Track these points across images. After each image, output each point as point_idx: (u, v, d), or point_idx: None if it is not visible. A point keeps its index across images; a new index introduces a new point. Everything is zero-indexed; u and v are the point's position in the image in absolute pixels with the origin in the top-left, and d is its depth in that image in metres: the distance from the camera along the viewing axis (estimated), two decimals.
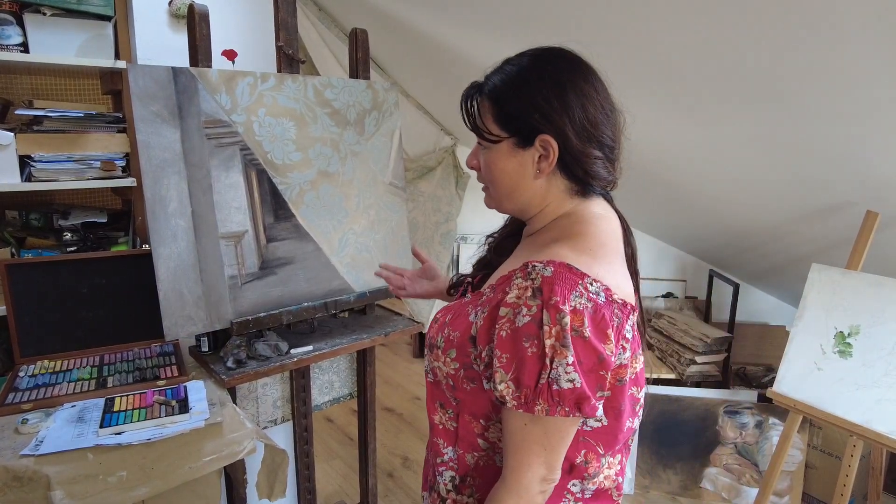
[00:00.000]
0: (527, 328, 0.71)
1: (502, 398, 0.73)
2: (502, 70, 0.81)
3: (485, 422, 0.82)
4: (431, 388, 0.88)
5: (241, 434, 1.29)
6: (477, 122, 0.81)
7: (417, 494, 2.48)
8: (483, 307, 0.78)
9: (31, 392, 1.34)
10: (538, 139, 0.77)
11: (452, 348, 0.81)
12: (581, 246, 0.77)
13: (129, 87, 1.32)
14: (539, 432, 0.74)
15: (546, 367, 0.70)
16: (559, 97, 0.76)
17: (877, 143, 1.50)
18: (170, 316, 1.39)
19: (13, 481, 1.10)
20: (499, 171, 0.82)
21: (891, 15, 1.05)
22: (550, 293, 0.70)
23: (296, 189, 1.59)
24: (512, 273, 0.76)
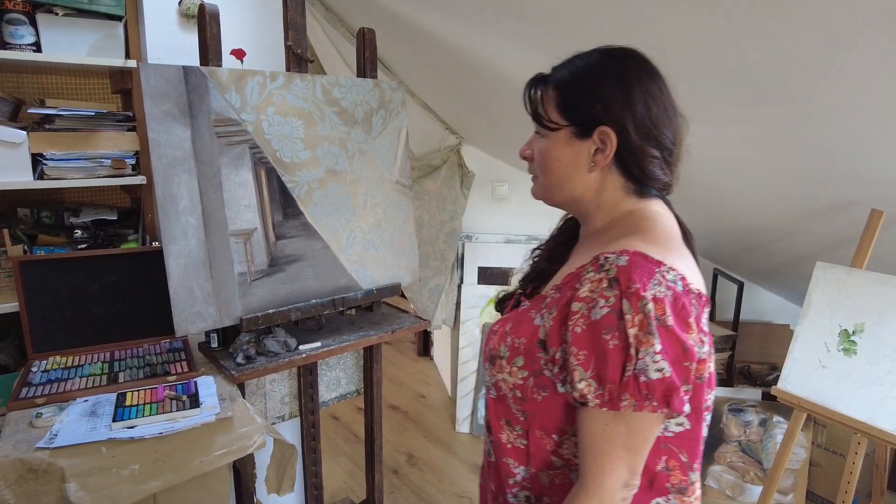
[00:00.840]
0: (606, 320, 0.68)
1: (583, 397, 0.70)
2: (571, 63, 0.81)
3: (558, 437, 0.78)
4: (495, 405, 0.83)
5: (252, 429, 1.31)
6: (538, 108, 0.81)
7: (423, 492, 2.50)
8: (549, 308, 0.76)
9: (44, 387, 1.36)
10: (597, 131, 0.77)
11: (519, 356, 0.78)
12: (651, 238, 0.75)
13: (141, 85, 1.33)
14: (622, 432, 0.70)
15: (631, 358, 0.67)
16: (623, 92, 0.76)
17: (881, 142, 1.51)
18: (180, 312, 1.40)
19: (29, 473, 1.12)
20: (553, 160, 0.81)
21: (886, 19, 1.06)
22: (628, 281, 0.68)
23: (304, 187, 1.61)
24: (580, 269, 0.74)
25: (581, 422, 0.73)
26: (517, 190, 3.02)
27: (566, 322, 0.72)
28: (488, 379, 0.84)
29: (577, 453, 0.76)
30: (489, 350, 0.84)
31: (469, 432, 2.99)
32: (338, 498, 2.39)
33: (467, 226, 3.04)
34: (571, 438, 0.77)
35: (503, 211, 3.06)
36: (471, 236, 3.04)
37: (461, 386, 3.02)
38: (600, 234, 0.82)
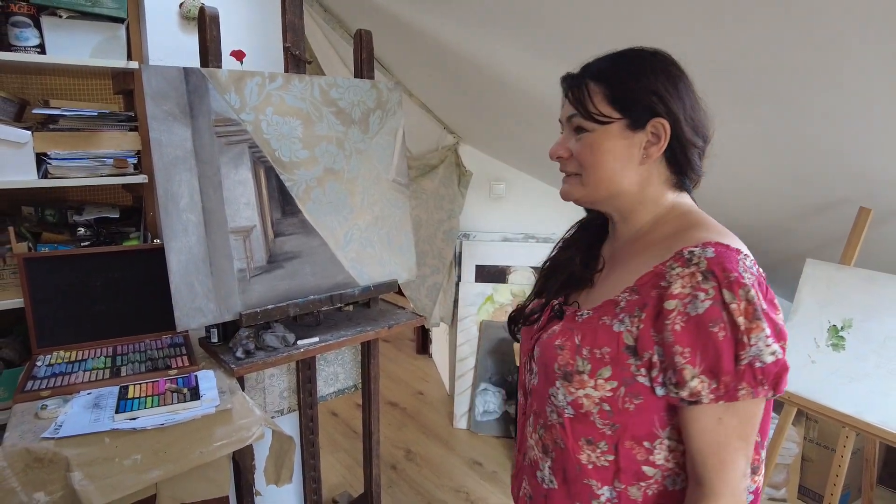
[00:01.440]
0: (709, 313, 0.68)
1: (696, 395, 0.69)
2: (610, 58, 0.81)
3: (650, 443, 0.76)
4: (573, 425, 0.79)
5: (251, 420, 1.34)
6: (585, 102, 0.79)
7: (421, 486, 2.53)
8: (629, 312, 0.74)
9: (48, 380, 1.40)
10: (651, 122, 0.77)
11: (605, 367, 0.75)
12: (715, 228, 0.76)
13: (143, 86, 1.37)
14: (735, 424, 0.70)
15: (745, 345, 0.67)
16: (674, 85, 0.78)
17: (870, 142, 1.54)
18: (181, 307, 1.44)
19: (35, 462, 1.16)
20: (604, 153, 0.79)
21: (884, 19, 1.09)
22: (724, 271, 0.68)
23: (302, 186, 1.64)
24: (659, 267, 0.74)
25: (690, 421, 0.71)
26: (514, 189, 3.06)
27: (662, 322, 0.70)
28: (560, 400, 0.79)
29: (670, 458, 0.76)
30: (558, 367, 0.79)
31: (466, 428, 3.02)
32: (336, 492, 2.42)
33: (465, 224, 3.08)
34: (664, 442, 0.76)
35: (500, 210, 3.10)
36: (468, 235, 3.07)
37: (459, 383, 3.06)
38: (649, 232, 0.82)
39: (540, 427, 0.85)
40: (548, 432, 0.83)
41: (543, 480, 0.85)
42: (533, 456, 0.87)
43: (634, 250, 0.82)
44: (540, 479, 0.86)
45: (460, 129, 2.94)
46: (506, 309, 3.02)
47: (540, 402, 0.85)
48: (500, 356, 2.98)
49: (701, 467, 0.71)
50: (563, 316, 0.85)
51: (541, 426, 0.85)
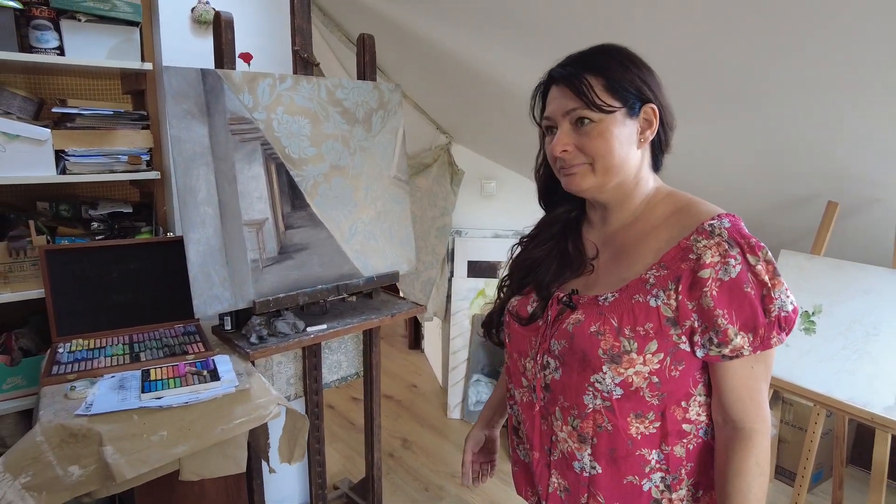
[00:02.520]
0: (741, 276, 0.76)
1: (738, 350, 0.77)
2: (597, 52, 0.86)
3: (686, 402, 0.83)
4: (621, 404, 0.83)
5: (268, 400, 1.43)
6: (591, 94, 0.82)
7: (418, 472, 2.63)
8: (661, 287, 0.80)
9: (72, 365, 1.47)
10: (644, 108, 0.84)
11: (651, 341, 0.80)
12: (706, 202, 0.85)
13: (164, 86, 1.45)
14: (762, 368, 0.80)
15: (773, 299, 0.75)
16: (653, 76, 0.87)
17: (838, 141, 1.67)
18: (199, 295, 1.52)
19: (70, 437, 1.23)
20: (614, 140, 0.83)
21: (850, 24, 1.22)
22: (743, 238, 0.77)
23: (310, 181, 1.73)
24: (684, 243, 0.80)
25: (727, 374, 0.80)
26: (504, 187, 3.17)
27: (699, 290, 0.77)
28: (608, 383, 0.82)
29: (700, 412, 0.84)
30: (603, 352, 0.81)
31: (460, 418, 3.13)
32: (337, 479, 2.51)
33: (457, 221, 3.18)
34: (697, 398, 0.84)
35: (491, 207, 3.21)
36: (460, 231, 3.18)
37: (452, 374, 3.16)
38: (644, 214, 0.89)
39: (573, 418, 0.86)
40: (586, 421, 0.85)
41: (584, 469, 0.87)
42: (566, 448, 0.89)
43: (637, 232, 0.88)
44: (579, 469, 0.88)
45: (452, 130, 3.04)
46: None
47: (571, 394, 0.86)
48: (492, 348, 3.09)
49: (740, 412, 0.80)
50: (574, 306, 0.87)
51: (574, 417, 0.86)
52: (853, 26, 1.21)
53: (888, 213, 1.86)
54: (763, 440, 0.80)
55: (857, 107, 1.48)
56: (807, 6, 1.20)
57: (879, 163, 1.70)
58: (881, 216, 1.91)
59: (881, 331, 1.77)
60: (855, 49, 1.27)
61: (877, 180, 1.79)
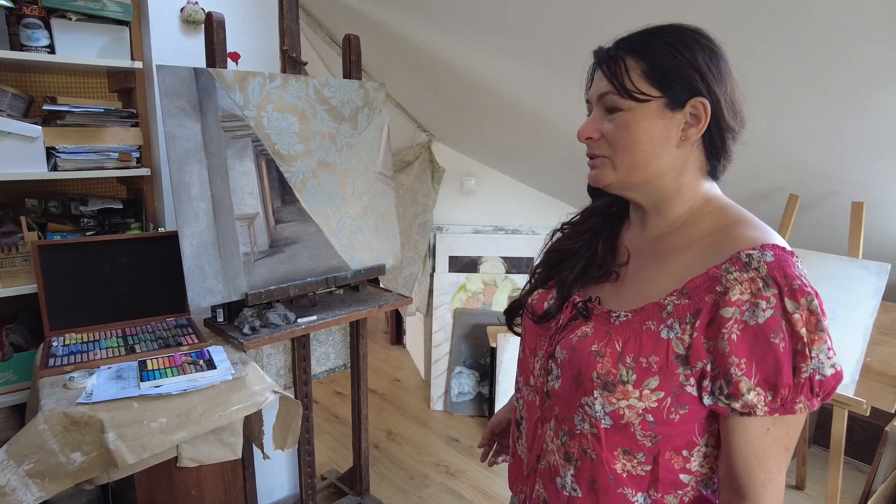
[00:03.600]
0: (771, 323, 0.64)
1: (750, 407, 0.66)
2: (649, 33, 0.75)
3: (688, 452, 0.73)
4: (609, 435, 0.74)
5: (263, 387, 1.48)
6: (622, 77, 0.73)
7: (403, 462, 2.69)
8: (678, 318, 0.69)
9: (68, 357, 1.50)
10: (691, 102, 0.72)
11: (652, 377, 0.70)
12: (762, 226, 0.72)
13: (155, 84, 1.49)
14: (782, 434, 0.68)
15: (807, 357, 0.64)
16: (717, 65, 0.74)
17: (799, 137, 1.78)
18: (194, 288, 1.57)
19: (72, 425, 1.27)
20: (642, 133, 0.73)
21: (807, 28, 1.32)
22: (786, 278, 0.64)
23: (299, 177, 1.79)
24: (713, 272, 0.68)
25: (736, 432, 0.69)
26: (484, 184, 3.25)
27: (717, 330, 0.66)
28: (598, 410, 0.74)
29: (704, 463, 0.74)
30: (597, 376, 0.73)
31: (443, 409, 3.20)
32: (324, 469, 2.56)
33: (438, 218, 3.25)
34: (701, 449, 0.73)
35: (471, 204, 3.29)
36: (442, 228, 3.25)
37: (434, 367, 3.23)
38: (686, 226, 0.77)
39: (563, 434, 0.80)
40: (573, 440, 0.78)
41: (564, 488, 0.81)
42: (553, 461, 0.82)
43: (672, 246, 0.77)
44: (560, 486, 0.81)
45: (433, 128, 3.11)
46: (478, 297, 3.21)
47: (565, 409, 0.79)
48: (473, 341, 3.17)
49: (745, 478, 0.69)
50: (588, 315, 0.79)
51: (564, 433, 0.80)
52: (813, 25, 1.30)
53: (843, 205, 1.98)
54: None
55: (815, 105, 1.59)
56: (768, 5, 1.30)
57: (835, 158, 1.82)
58: (837, 208, 2.04)
59: (838, 315, 1.90)
60: (814, 49, 1.37)
61: (833, 175, 1.91)
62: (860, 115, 1.56)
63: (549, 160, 2.71)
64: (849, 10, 1.23)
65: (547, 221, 3.22)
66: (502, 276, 3.21)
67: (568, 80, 1.82)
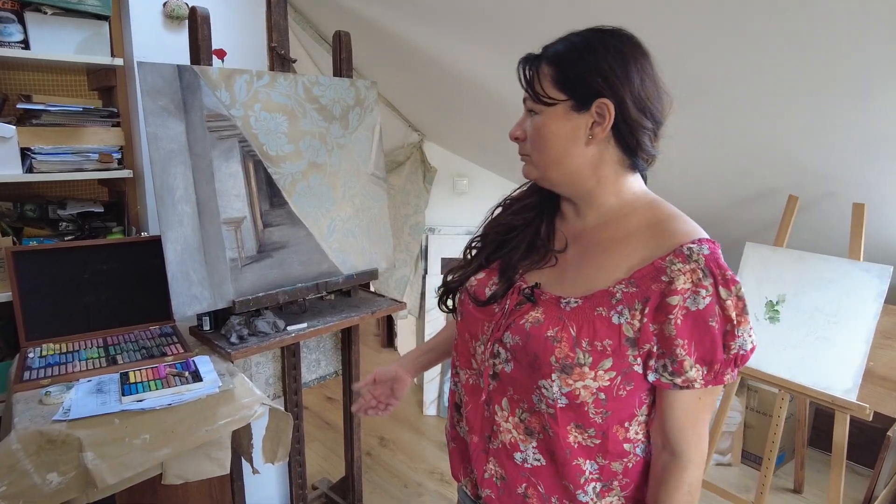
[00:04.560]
0: (709, 308, 0.73)
1: (690, 382, 0.75)
2: (566, 39, 0.82)
3: (629, 423, 0.82)
4: (564, 413, 0.81)
5: (252, 399, 1.41)
6: (534, 84, 0.80)
7: (396, 470, 2.63)
8: (627, 305, 0.76)
9: (45, 370, 1.43)
10: (595, 103, 0.78)
11: (606, 358, 0.77)
12: (689, 220, 0.80)
13: (138, 82, 1.42)
14: (709, 401, 0.79)
15: (735, 336, 0.74)
16: (621, 66, 0.78)
17: (797, 137, 1.75)
18: (178, 295, 1.50)
19: (47, 444, 1.20)
20: (550, 134, 0.81)
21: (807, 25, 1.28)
22: (720, 269, 0.74)
23: (288, 178, 1.72)
24: (658, 264, 0.76)
25: (674, 402, 0.78)
26: (476, 184, 3.20)
27: (664, 315, 0.74)
28: (554, 390, 0.79)
29: (639, 431, 0.83)
30: (556, 360, 0.78)
31: (436, 414, 3.14)
32: (315, 479, 2.49)
33: (430, 219, 3.19)
34: (638, 418, 0.82)
35: (463, 204, 3.23)
36: (434, 229, 3.19)
37: (427, 372, 3.17)
38: (619, 218, 0.83)
39: (522, 412, 0.85)
40: (533, 416, 0.84)
41: (526, 461, 0.86)
42: (509, 439, 0.86)
43: (609, 236, 0.83)
44: (521, 460, 0.86)
45: (424, 127, 3.05)
46: None
47: (521, 391, 0.84)
48: None
49: (680, 441, 0.79)
50: (535, 301, 0.83)
51: (523, 410, 0.85)
52: (813, 23, 1.27)
53: (844, 207, 1.96)
54: (697, 471, 0.81)
55: (815, 104, 1.56)
56: (767, 7, 1.26)
57: (834, 159, 1.79)
58: (837, 209, 2.01)
59: (840, 318, 1.87)
60: (813, 47, 1.34)
61: (833, 175, 1.88)
62: (861, 114, 1.53)
63: None
64: (849, 8, 1.19)
65: None
66: None
67: None
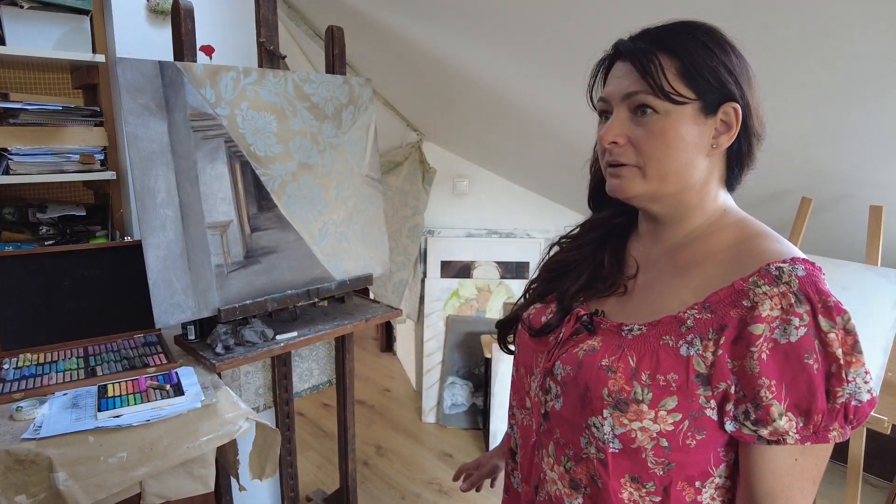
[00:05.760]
0: (804, 341, 0.59)
1: (780, 435, 0.61)
2: (680, 28, 0.70)
3: (701, 483, 0.68)
4: (617, 460, 0.68)
5: (236, 414, 1.34)
6: (658, 76, 0.66)
7: (393, 480, 2.56)
8: (700, 334, 0.64)
9: (18, 382, 1.35)
10: (723, 107, 0.68)
11: (670, 396, 0.64)
12: (787, 241, 0.68)
13: (118, 79, 1.34)
14: (810, 465, 0.63)
15: (843, 381, 0.59)
16: (747, 70, 0.70)
17: (812, 138, 1.67)
18: (160, 304, 1.42)
19: (16, 464, 1.12)
20: (679, 139, 0.67)
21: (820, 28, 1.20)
22: (820, 294, 0.60)
23: (278, 180, 1.64)
24: (739, 285, 0.64)
25: (762, 461, 0.64)
26: (476, 185, 3.12)
27: (745, 348, 0.61)
28: (606, 432, 0.67)
29: (716, 495, 0.69)
30: (608, 394, 0.67)
31: (435, 422, 3.06)
32: (309, 490, 2.42)
33: (429, 221, 3.12)
34: (715, 481, 0.68)
35: (464, 206, 3.15)
36: (433, 231, 3.11)
37: (426, 377, 3.10)
38: (702, 238, 0.72)
39: (567, 459, 0.74)
40: (580, 466, 0.72)
41: None
42: (555, 491, 0.76)
43: (688, 258, 0.72)
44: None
45: (423, 127, 2.98)
46: (471, 303, 3.08)
47: (569, 431, 0.72)
48: (467, 350, 3.03)
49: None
50: (594, 329, 0.73)
51: (568, 458, 0.73)
52: (829, 26, 1.20)
53: (860, 209, 1.87)
54: None
55: (830, 105, 1.48)
56: (781, 5, 1.18)
57: (852, 159, 1.71)
58: (853, 212, 1.93)
59: (858, 326, 1.78)
60: (829, 49, 1.27)
61: (849, 177, 1.80)
62: (877, 113, 1.45)
63: (545, 161, 2.58)
64: (864, 6, 1.11)
65: (543, 224, 3.09)
66: (496, 282, 3.08)
67: (564, 77, 1.70)
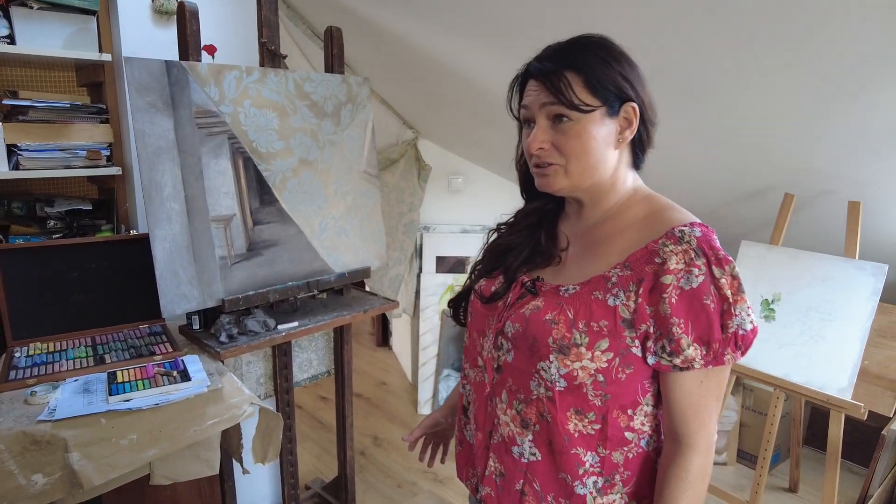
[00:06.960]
0: (703, 287, 0.74)
1: (689, 361, 0.75)
2: (579, 46, 0.83)
3: (632, 410, 0.82)
4: (562, 397, 0.82)
5: (241, 399, 1.40)
6: (566, 91, 0.79)
7: (390, 469, 2.62)
8: (622, 287, 0.78)
9: (31, 369, 1.41)
10: (624, 108, 0.81)
11: (603, 339, 0.78)
12: (684, 210, 0.82)
13: (126, 78, 1.40)
14: (714, 385, 0.78)
15: (732, 315, 0.74)
16: (635, 70, 0.83)
17: (793, 135, 1.74)
18: (166, 294, 1.48)
19: (32, 445, 1.18)
20: (592, 140, 0.81)
21: (802, 21, 1.27)
22: (712, 249, 0.75)
23: (279, 175, 1.70)
24: (651, 246, 0.78)
25: (675, 385, 0.79)
26: (472, 182, 3.18)
27: (658, 295, 0.75)
28: (553, 372, 0.81)
29: (645, 422, 0.83)
30: (553, 341, 0.80)
31: None
32: (308, 479, 2.48)
33: (425, 217, 3.18)
34: (644, 408, 0.83)
35: (458, 202, 3.21)
36: (428, 227, 3.17)
37: (422, 370, 3.16)
38: (617, 213, 0.86)
39: (519, 402, 0.86)
40: (530, 406, 0.85)
41: (523, 455, 0.87)
42: (507, 433, 0.88)
43: (609, 231, 0.86)
44: (517, 454, 0.88)
45: (419, 124, 3.03)
46: None
47: (520, 378, 0.86)
48: (462, 343, 3.09)
49: (682, 426, 0.80)
50: (536, 292, 0.87)
51: (520, 401, 0.86)
52: (809, 18, 1.25)
53: (839, 205, 1.94)
54: (698, 458, 0.80)
55: (810, 101, 1.55)
56: (762, 6, 1.25)
57: (832, 156, 1.78)
58: (833, 207, 2.00)
59: (836, 316, 1.86)
60: (808, 43, 1.33)
61: (828, 173, 1.87)
62: (857, 112, 1.52)
63: None
64: (844, 5, 1.18)
65: None
66: None
67: None
